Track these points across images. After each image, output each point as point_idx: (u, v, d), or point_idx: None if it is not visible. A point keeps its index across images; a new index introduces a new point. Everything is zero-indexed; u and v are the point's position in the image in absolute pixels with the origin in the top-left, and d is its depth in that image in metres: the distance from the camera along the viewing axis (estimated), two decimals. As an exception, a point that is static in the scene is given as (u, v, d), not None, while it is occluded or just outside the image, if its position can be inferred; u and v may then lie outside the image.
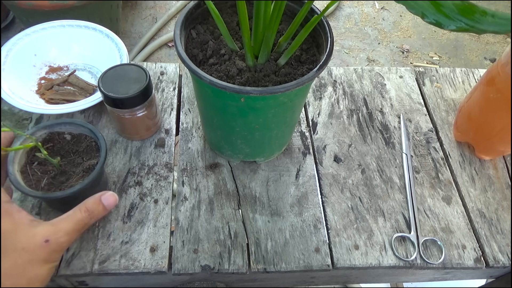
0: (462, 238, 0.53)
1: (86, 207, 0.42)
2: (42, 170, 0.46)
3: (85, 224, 0.42)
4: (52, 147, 0.48)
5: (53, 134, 0.48)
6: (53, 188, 0.45)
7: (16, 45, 0.61)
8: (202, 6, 0.48)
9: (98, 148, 0.48)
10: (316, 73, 0.42)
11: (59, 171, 0.46)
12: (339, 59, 1.70)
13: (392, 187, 0.57)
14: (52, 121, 0.48)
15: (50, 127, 0.48)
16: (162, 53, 1.65)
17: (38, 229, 0.39)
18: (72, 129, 0.49)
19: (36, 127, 0.47)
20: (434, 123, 0.64)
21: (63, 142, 0.48)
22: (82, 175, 0.46)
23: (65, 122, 0.49)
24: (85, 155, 0.48)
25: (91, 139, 0.49)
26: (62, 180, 0.46)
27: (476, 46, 1.80)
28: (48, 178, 0.46)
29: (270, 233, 0.51)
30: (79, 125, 0.48)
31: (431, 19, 0.28)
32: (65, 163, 0.47)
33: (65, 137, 0.49)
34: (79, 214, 0.41)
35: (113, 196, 0.44)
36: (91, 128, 0.48)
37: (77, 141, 0.49)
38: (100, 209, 0.43)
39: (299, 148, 0.59)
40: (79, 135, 0.49)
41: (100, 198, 0.43)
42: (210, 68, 0.46)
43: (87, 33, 0.64)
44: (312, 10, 0.47)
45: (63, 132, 0.49)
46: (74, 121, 0.49)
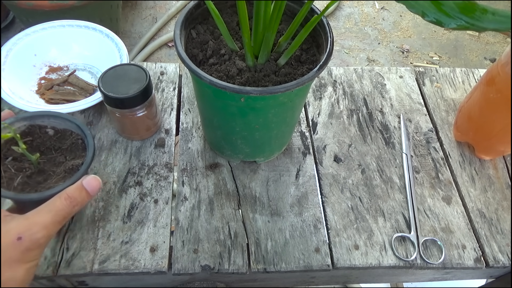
0: (462, 238, 0.53)
1: (68, 194, 0.38)
2: (17, 167, 0.41)
3: (66, 214, 0.37)
4: (31, 141, 0.43)
5: (33, 127, 0.43)
6: (27, 188, 0.40)
7: (16, 45, 0.61)
8: (202, 6, 0.48)
9: (84, 147, 0.43)
10: (316, 73, 0.42)
11: (36, 169, 0.41)
12: (339, 59, 1.70)
13: (392, 187, 0.57)
14: (33, 112, 0.43)
15: (30, 119, 0.43)
16: (162, 53, 1.65)
17: (11, 225, 0.35)
18: (56, 123, 0.44)
19: (14, 118, 0.42)
20: (434, 123, 0.64)
21: (45, 137, 0.43)
22: (63, 176, 0.41)
23: (48, 115, 0.43)
24: (68, 154, 0.43)
25: (78, 136, 0.44)
26: (39, 180, 0.41)
27: (476, 46, 1.80)
28: (23, 176, 0.40)
29: (270, 233, 0.51)
30: (64, 119, 0.43)
31: (431, 18, 0.28)
32: (45, 161, 0.42)
33: (47, 132, 0.44)
34: (59, 202, 0.37)
35: (96, 180, 0.40)
36: (79, 123, 0.43)
37: (60, 137, 0.44)
38: (83, 195, 0.39)
39: (299, 148, 0.59)
40: (63, 130, 0.44)
41: (82, 183, 0.39)
42: (210, 68, 0.46)
43: (87, 33, 0.64)
44: (312, 10, 0.47)
45: (45, 126, 0.44)
46: (59, 114, 0.43)
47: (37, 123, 0.43)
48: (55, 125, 0.44)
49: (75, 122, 0.43)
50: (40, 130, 0.43)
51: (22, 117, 0.42)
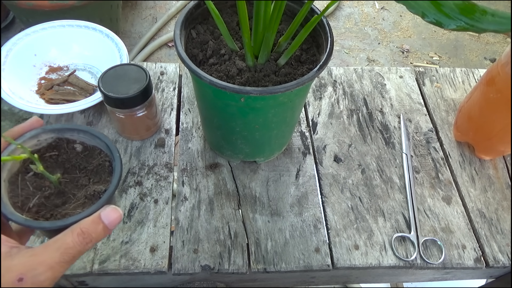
0: (462, 238, 0.53)
1: (81, 229, 0.32)
2: (36, 184, 0.37)
3: (77, 253, 0.32)
4: (57, 156, 0.39)
5: (61, 141, 0.39)
6: (43, 211, 0.36)
7: (16, 45, 0.61)
8: (202, 6, 0.48)
9: (111, 171, 0.38)
10: (316, 73, 0.42)
11: (56, 190, 0.37)
12: (339, 59, 1.70)
13: (392, 187, 0.57)
14: (63, 125, 0.39)
15: (59, 132, 0.39)
16: (162, 53, 1.65)
17: (15, 261, 0.31)
18: (85, 138, 0.39)
19: (42, 129, 0.38)
20: (434, 123, 0.64)
21: (72, 153, 0.39)
22: (83, 203, 0.36)
23: (78, 129, 0.39)
24: (93, 176, 0.38)
25: (106, 157, 0.39)
26: (57, 203, 0.36)
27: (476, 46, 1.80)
28: (41, 197, 0.36)
29: (270, 233, 0.51)
30: (94, 136, 0.39)
31: (431, 18, 0.28)
32: (67, 181, 0.38)
33: (75, 147, 0.39)
34: (70, 239, 0.32)
35: (116, 212, 0.34)
36: (109, 143, 0.38)
37: (88, 155, 0.39)
38: (99, 230, 0.33)
39: (299, 148, 0.59)
40: (92, 148, 0.39)
41: (100, 215, 0.34)
42: (210, 68, 0.46)
43: (87, 33, 0.64)
44: (312, 10, 0.47)
45: (74, 141, 0.39)
46: (90, 130, 0.39)
47: (66, 137, 0.39)
48: (84, 140, 0.39)
49: (105, 141, 0.38)
50: (67, 145, 0.39)
51: (50, 129, 0.38)
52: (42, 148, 0.38)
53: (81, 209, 0.35)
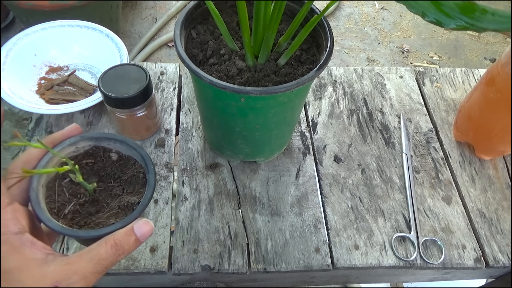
0: (462, 238, 0.53)
1: (115, 241, 0.33)
2: (73, 191, 0.37)
3: (109, 264, 0.33)
4: (92, 164, 0.39)
5: (98, 149, 0.39)
6: (77, 218, 0.36)
7: (16, 45, 0.61)
8: (202, 6, 0.48)
9: (144, 183, 0.38)
10: (316, 73, 0.42)
11: (90, 198, 0.37)
12: (339, 59, 1.70)
13: (392, 187, 0.57)
14: (101, 134, 0.39)
15: (97, 140, 0.39)
16: (162, 53, 1.65)
17: (50, 268, 0.31)
18: (121, 148, 0.40)
19: (80, 137, 0.38)
20: (434, 123, 0.64)
21: (107, 161, 0.40)
22: (116, 213, 0.36)
23: (115, 139, 0.39)
24: (127, 186, 0.38)
25: (140, 169, 0.39)
26: (91, 211, 0.37)
27: (476, 46, 1.80)
28: (76, 204, 0.37)
29: (270, 233, 0.51)
30: (130, 146, 0.39)
31: (431, 18, 0.28)
32: (101, 190, 0.38)
33: (110, 156, 0.40)
34: (104, 250, 0.32)
35: (148, 225, 0.34)
36: (144, 155, 0.38)
37: (123, 165, 0.40)
38: (131, 242, 0.34)
39: (299, 148, 0.59)
40: (127, 158, 0.40)
41: (133, 228, 0.34)
42: (210, 68, 0.46)
43: (87, 33, 0.64)
44: (312, 10, 0.47)
45: (110, 149, 0.40)
46: (126, 140, 0.39)
47: (102, 145, 0.40)
48: (120, 150, 0.40)
49: (141, 153, 0.38)
50: (103, 154, 0.40)
51: (88, 137, 0.39)
52: (79, 155, 0.39)
53: (114, 219, 0.36)
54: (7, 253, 0.30)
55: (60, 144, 0.37)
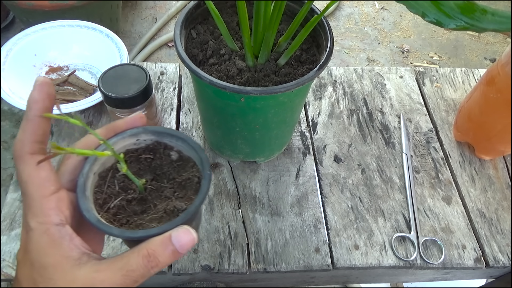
0: (462, 238, 0.53)
1: (148, 251, 0.29)
2: (124, 185, 0.35)
3: (139, 277, 0.29)
4: (151, 160, 0.36)
5: (159, 145, 0.37)
6: (121, 214, 0.33)
7: (16, 45, 0.61)
8: (202, 6, 0.48)
9: (197, 190, 0.35)
10: (316, 73, 0.42)
11: (139, 196, 0.35)
12: (339, 59, 1.70)
13: (392, 187, 0.57)
14: (164, 129, 0.37)
15: (159, 135, 0.36)
16: (162, 53, 1.65)
17: (80, 272, 0.28)
18: (183, 147, 0.37)
19: (143, 129, 0.36)
20: (434, 123, 0.64)
21: (166, 159, 0.37)
22: (160, 217, 0.33)
23: (178, 136, 0.36)
24: (179, 190, 0.35)
25: (197, 173, 0.36)
26: (136, 210, 0.34)
27: (476, 46, 1.80)
28: (123, 199, 0.34)
29: (270, 233, 0.51)
30: (191, 147, 0.36)
31: (431, 18, 0.28)
32: (152, 189, 0.35)
33: (170, 155, 0.37)
34: (135, 261, 0.29)
35: (189, 235, 0.30)
36: (203, 158, 0.35)
37: (181, 166, 0.37)
38: (167, 253, 0.29)
39: (299, 148, 0.59)
40: (187, 159, 0.37)
41: (170, 237, 0.29)
42: (210, 68, 0.46)
43: (87, 33, 0.64)
44: (312, 10, 0.47)
45: (171, 147, 0.37)
46: (188, 140, 0.36)
47: (164, 141, 0.37)
48: (181, 149, 0.37)
49: (201, 155, 0.35)
50: (164, 151, 0.37)
51: (151, 130, 0.36)
52: (140, 148, 0.36)
53: (156, 223, 0.32)
54: (46, 245, 0.28)
55: (121, 134, 0.35)
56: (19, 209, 0.51)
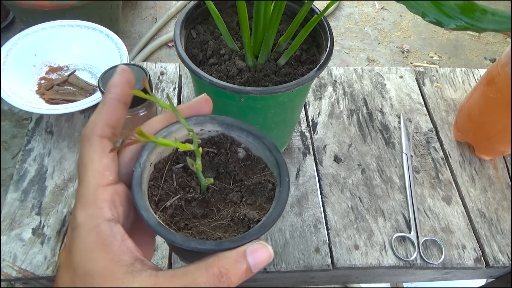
0: (462, 238, 0.53)
1: (219, 269, 0.24)
2: (182, 180, 0.30)
3: None
4: (214, 155, 0.32)
5: (225, 139, 0.32)
6: (178, 216, 0.28)
7: (16, 45, 0.61)
8: (202, 6, 0.48)
9: (271, 197, 0.29)
10: (316, 73, 0.42)
11: (200, 196, 0.30)
12: (339, 59, 1.70)
13: (392, 187, 0.57)
14: (234, 120, 0.31)
15: (228, 127, 0.31)
16: (162, 53, 1.65)
17: (135, 284, 0.24)
18: (253, 145, 0.31)
19: (210, 118, 0.31)
20: (434, 123, 0.64)
21: (232, 157, 0.32)
22: (226, 225, 0.28)
23: (249, 131, 0.31)
24: (248, 195, 0.30)
25: (270, 177, 0.30)
26: (196, 213, 0.29)
27: (476, 46, 1.80)
28: (182, 198, 0.29)
29: (270, 233, 0.51)
30: (265, 146, 0.30)
31: (431, 18, 0.28)
32: (215, 190, 0.30)
33: (237, 151, 0.32)
34: (203, 279, 0.24)
35: (265, 251, 0.25)
36: (280, 161, 0.29)
37: (249, 167, 0.31)
38: (241, 272, 0.25)
39: (299, 148, 0.59)
40: (257, 159, 0.32)
41: (246, 253, 0.25)
42: (210, 68, 0.46)
43: (87, 33, 0.64)
44: (312, 10, 0.47)
45: (239, 143, 0.32)
46: (261, 136, 0.31)
47: (232, 135, 0.32)
48: (250, 147, 0.32)
49: (276, 157, 0.30)
50: (230, 147, 0.32)
51: (219, 120, 0.31)
52: (203, 140, 0.31)
53: (222, 233, 0.28)
54: (93, 246, 0.24)
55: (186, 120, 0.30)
56: (19, 209, 0.51)
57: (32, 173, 0.54)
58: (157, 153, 0.29)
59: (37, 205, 0.51)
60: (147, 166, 0.28)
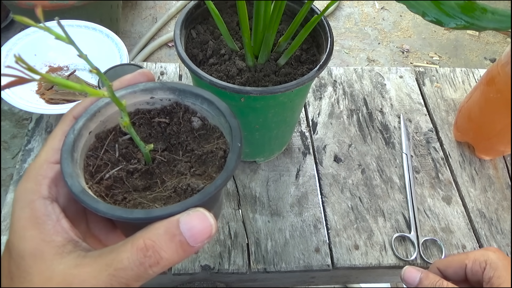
0: (462, 238, 0.53)
1: (145, 242, 0.21)
2: (126, 152, 0.28)
3: (132, 278, 0.21)
4: (165, 126, 0.30)
5: (178, 107, 0.30)
6: (116, 189, 0.26)
7: (16, 45, 0.61)
8: (202, 6, 0.48)
9: (221, 166, 0.28)
10: (316, 73, 0.42)
11: (144, 168, 0.28)
12: (339, 59, 1.70)
13: (392, 187, 0.57)
14: (188, 86, 0.29)
15: (181, 94, 0.29)
16: (162, 53, 1.65)
17: (60, 267, 0.21)
18: (208, 113, 0.30)
19: (161, 84, 0.29)
20: (434, 123, 0.64)
21: (185, 126, 0.30)
22: (168, 197, 0.26)
23: (204, 97, 0.29)
24: (197, 165, 0.28)
25: (223, 145, 0.29)
26: (137, 185, 0.27)
27: (476, 46, 1.80)
28: (123, 170, 0.27)
29: (270, 233, 0.51)
30: (220, 112, 0.29)
31: (431, 17, 0.28)
32: (162, 161, 0.28)
33: (192, 121, 0.30)
34: (126, 255, 0.21)
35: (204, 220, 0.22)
36: (234, 126, 0.27)
37: (203, 136, 0.30)
38: (173, 246, 0.21)
39: (299, 148, 0.59)
40: (212, 128, 0.30)
41: (178, 223, 0.21)
42: (210, 68, 0.46)
43: (87, 33, 0.64)
44: (312, 10, 0.47)
45: (194, 112, 0.30)
46: (217, 102, 0.29)
47: (186, 104, 0.30)
48: (207, 116, 0.30)
49: (230, 123, 0.28)
50: (184, 115, 0.30)
51: (170, 87, 0.29)
52: (154, 110, 0.30)
53: (161, 204, 0.25)
54: (26, 223, 0.22)
55: (132, 87, 0.28)
56: (19, 209, 0.51)
57: (32, 173, 0.54)
58: (98, 121, 0.27)
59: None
60: (84, 134, 0.26)
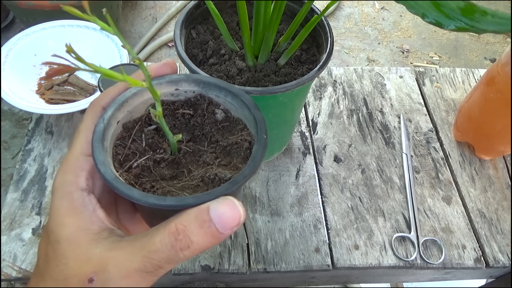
0: (462, 238, 0.53)
1: (177, 226, 0.22)
2: (153, 142, 0.29)
3: (164, 261, 0.22)
4: (190, 117, 0.30)
5: (202, 99, 0.30)
6: (144, 178, 0.27)
7: (16, 45, 0.61)
8: (202, 6, 0.48)
9: (247, 157, 0.28)
10: (316, 73, 0.42)
11: (171, 158, 0.28)
12: (339, 59, 1.70)
13: (392, 187, 0.57)
14: (211, 79, 0.30)
15: (205, 86, 0.30)
16: (162, 53, 1.65)
17: (96, 250, 0.22)
18: (232, 106, 0.30)
19: (186, 76, 0.30)
20: (434, 123, 0.64)
21: (209, 118, 0.30)
22: (196, 186, 0.27)
23: (228, 90, 0.30)
24: (222, 156, 0.29)
25: (248, 137, 0.29)
26: (164, 174, 0.27)
27: (476, 46, 1.80)
28: (150, 159, 0.28)
29: (270, 233, 0.51)
30: (244, 105, 0.29)
31: (431, 19, 0.28)
32: (188, 152, 0.29)
33: (215, 113, 0.30)
34: (159, 238, 0.22)
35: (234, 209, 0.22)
36: (259, 119, 0.28)
37: (227, 128, 0.30)
38: (203, 232, 0.22)
39: (299, 148, 0.59)
40: (236, 120, 0.30)
41: (209, 210, 0.22)
42: (210, 68, 0.46)
43: (87, 33, 0.64)
44: (312, 10, 0.47)
45: (217, 104, 0.30)
46: (241, 95, 0.29)
47: (210, 96, 0.30)
48: (230, 108, 0.30)
49: (255, 115, 0.28)
50: (208, 107, 0.30)
51: (195, 79, 0.30)
52: (179, 101, 0.30)
53: (190, 193, 0.26)
54: (64, 212, 0.23)
55: (158, 78, 0.29)
56: (19, 209, 0.51)
57: (32, 173, 0.54)
58: (125, 111, 0.28)
59: (37, 205, 0.51)
60: (112, 124, 0.27)
